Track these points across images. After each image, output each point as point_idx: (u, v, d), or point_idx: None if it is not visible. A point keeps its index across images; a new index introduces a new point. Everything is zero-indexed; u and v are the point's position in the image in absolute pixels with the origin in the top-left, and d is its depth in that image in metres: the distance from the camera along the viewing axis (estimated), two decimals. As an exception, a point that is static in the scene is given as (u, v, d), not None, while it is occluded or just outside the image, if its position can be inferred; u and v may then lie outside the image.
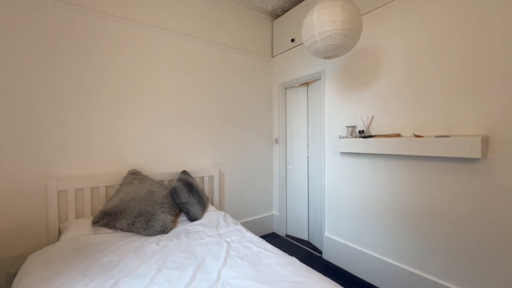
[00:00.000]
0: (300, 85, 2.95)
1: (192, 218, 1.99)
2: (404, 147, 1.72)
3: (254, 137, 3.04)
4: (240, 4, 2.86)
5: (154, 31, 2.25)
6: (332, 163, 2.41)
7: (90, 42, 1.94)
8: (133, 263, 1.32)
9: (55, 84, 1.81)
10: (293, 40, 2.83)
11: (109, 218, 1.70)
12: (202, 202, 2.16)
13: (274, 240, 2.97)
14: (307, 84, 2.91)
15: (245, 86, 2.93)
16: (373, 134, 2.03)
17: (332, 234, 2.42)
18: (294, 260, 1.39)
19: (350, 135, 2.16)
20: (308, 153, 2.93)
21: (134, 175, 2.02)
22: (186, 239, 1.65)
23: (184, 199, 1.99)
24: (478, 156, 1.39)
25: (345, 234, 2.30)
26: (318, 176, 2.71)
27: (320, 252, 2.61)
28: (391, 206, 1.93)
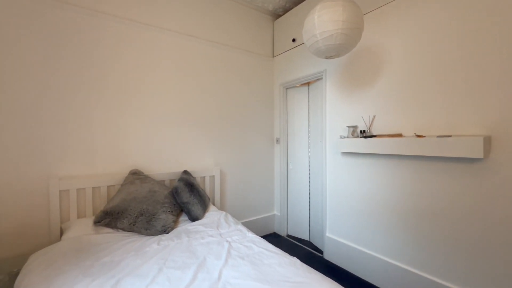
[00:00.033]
0: (301, 85, 2.94)
1: (193, 218, 1.99)
2: (405, 147, 1.71)
3: (255, 137, 3.04)
4: (241, 4, 2.86)
5: (155, 31, 2.25)
6: (333, 163, 2.41)
7: (92, 43, 1.95)
8: (134, 263, 1.32)
9: (57, 84, 1.82)
10: (294, 40, 2.83)
11: (110, 218, 1.71)
12: (203, 202, 2.16)
13: (275, 240, 2.97)
14: (308, 84, 2.91)
15: (246, 86, 2.93)
16: (374, 134, 2.03)
17: (333, 234, 2.42)
18: (295, 260, 1.39)
19: (352, 135, 2.16)
20: (309, 153, 2.92)
21: (136, 175, 2.02)
22: (187, 239, 1.65)
23: (185, 199, 2.00)
24: (480, 156, 1.38)
25: (346, 234, 2.30)
26: (319, 176, 2.70)
27: (321, 252, 2.61)
28: (393, 206, 1.93)
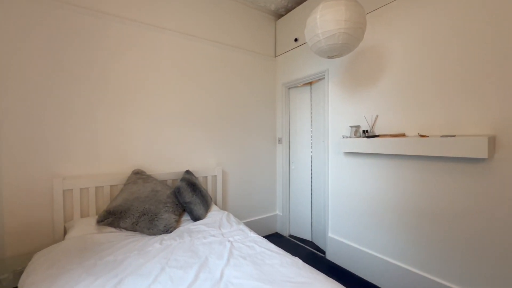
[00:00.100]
0: (303, 84, 2.93)
1: (195, 217, 2.00)
2: (408, 147, 1.70)
3: (257, 137, 3.03)
4: (243, 4, 2.86)
5: (157, 32, 2.26)
6: (335, 163, 2.40)
7: (94, 43, 1.96)
8: (137, 262, 1.33)
9: (60, 84, 1.84)
10: (296, 39, 2.82)
11: (113, 217, 1.72)
12: (206, 202, 2.17)
13: (277, 240, 2.97)
14: (311, 83, 2.90)
15: (248, 86, 2.93)
16: (377, 134, 2.02)
17: (335, 235, 2.41)
18: (297, 260, 1.39)
19: (354, 135, 2.14)
20: (311, 153, 2.92)
21: (138, 175, 2.03)
22: (190, 239, 1.65)
23: (187, 199, 2.00)
24: (484, 156, 1.37)
25: (349, 234, 2.28)
26: (321, 176, 2.69)
27: (323, 252, 2.60)
28: (396, 207, 1.91)
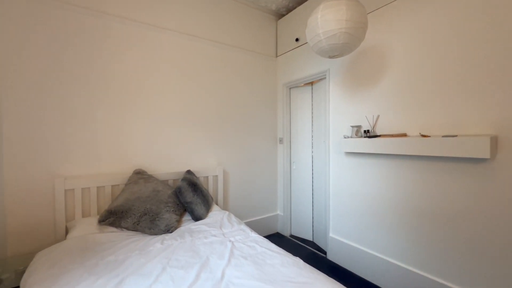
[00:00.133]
0: (304, 84, 2.93)
1: (196, 217, 2.00)
2: (410, 147, 1.70)
3: (258, 137, 3.03)
4: (244, 4, 2.86)
5: (158, 32, 2.26)
6: (337, 163, 2.39)
7: (95, 43, 1.96)
8: (138, 262, 1.33)
9: (61, 85, 1.84)
10: (297, 39, 2.82)
11: (114, 217, 1.72)
12: (207, 202, 2.17)
13: (278, 240, 2.96)
14: (312, 83, 2.90)
15: (249, 86, 2.93)
16: (378, 134, 2.01)
17: (336, 235, 2.41)
18: (298, 260, 1.39)
19: (355, 135, 2.14)
20: (312, 153, 2.91)
21: (139, 175, 2.04)
22: (191, 239, 1.66)
23: (188, 199, 2.00)
24: (486, 156, 1.36)
25: (350, 234, 2.28)
26: (322, 176, 2.69)
27: (324, 252, 2.59)
28: (397, 207, 1.91)
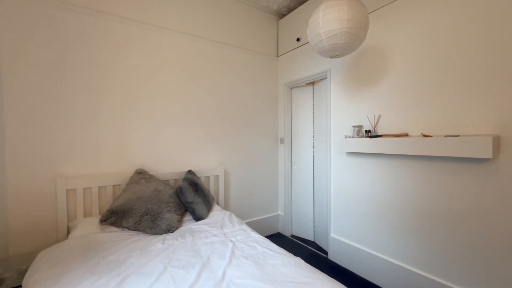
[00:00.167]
0: (305, 84, 2.93)
1: (197, 217, 2.00)
2: (411, 147, 1.69)
3: (259, 137, 3.03)
4: (246, 4, 2.86)
5: (160, 32, 2.27)
6: (338, 163, 2.39)
7: (97, 44, 1.97)
8: (139, 262, 1.34)
9: (63, 85, 1.85)
10: (298, 39, 2.82)
11: (116, 217, 1.73)
12: (208, 202, 2.17)
13: (279, 240, 2.96)
14: (313, 83, 2.89)
15: (250, 85, 2.93)
16: (380, 134, 2.01)
17: (338, 235, 2.40)
18: (299, 260, 1.38)
19: (357, 135, 2.13)
20: (313, 153, 2.91)
21: (141, 175, 2.04)
22: (192, 238, 1.66)
23: (189, 199, 2.00)
24: (489, 156, 1.35)
25: (351, 234, 2.27)
26: (323, 176, 2.69)
27: (325, 252, 2.59)
28: (398, 207, 1.90)
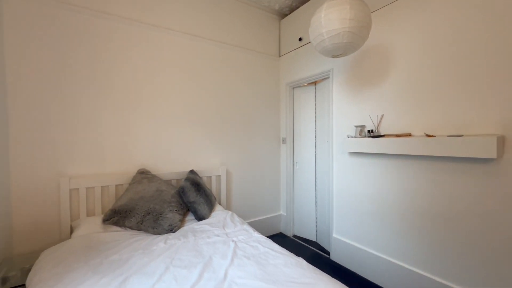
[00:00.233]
0: (307, 84, 2.92)
1: (199, 217, 2.00)
2: (414, 147, 1.68)
3: (262, 137, 3.03)
4: (247, 4, 2.86)
5: (162, 32, 2.27)
6: (340, 163, 2.38)
7: (100, 44, 1.98)
8: (141, 261, 1.34)
9: (66, 86, 1.86)
10: (300, 39, 2.81)
11: (118, 216, 1.73)
12: (210, 202, 2.17)
13: (281, 240, 2.96)
14: (315, 83, 2.88)
15: (252, 85, 2.92)
16: (382, 134, 1.99)
17: (340, 235, 2.39)
18: (301, 260, 1.38)
19: (359, 135, 2.12)
20: (316, 153, 2.90)
21: (143, 174, 2.05)
22: (194, 238, 1.66)
23: (191, 198, 2.01)
24: (493, 156, 1.34)
25: (353, 235, 2.26)
26: (326, 176, 2.68)
27: (328, 253, 2.58)
28: (401, 207, 1.89)
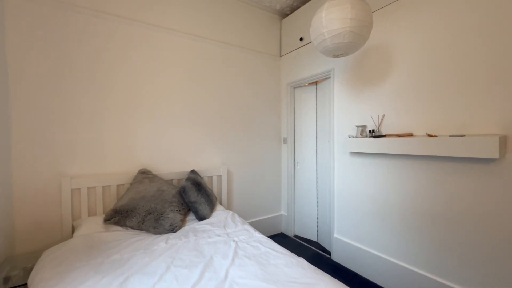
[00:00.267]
0: (309, 84, 2.92)
1: (200, 217, 2.01)
2: (416, 147, 1.67)
3: (263, 136, 3.03)
4: (248, 4, 2.86)
5: (163, 33, 2.28)
6: (341, 163, 2.37)
7: (101, 44, 1.98)
8: (142, 261, 1.34)
9: (67, 85, 1.87)
10: (301, 39, 2.81)
11: (120, 216, 1.74)
12: (211, 202, 2.18)
13: (282, 240, 2.96)
14: (316, 83, 2.88)
15: (253, 85, 2.92)
16: (383, 134, 1.99)
17: (341, 235, 2.39)
18: (302, 260, 1.38)
19: (360, 135, 2.12)
20: (317, 153, 2.90)
21: (144, 174, 2.05)
22: (195, 238, 1.66)
23: (192, 198, 2.01)
24: (495, 156, 1.33)
25: (354, 235, 2.26)
26: (327, 176, 2.67)
27: (329, 253, 2.58)
28: (402, 207, 1.88)
